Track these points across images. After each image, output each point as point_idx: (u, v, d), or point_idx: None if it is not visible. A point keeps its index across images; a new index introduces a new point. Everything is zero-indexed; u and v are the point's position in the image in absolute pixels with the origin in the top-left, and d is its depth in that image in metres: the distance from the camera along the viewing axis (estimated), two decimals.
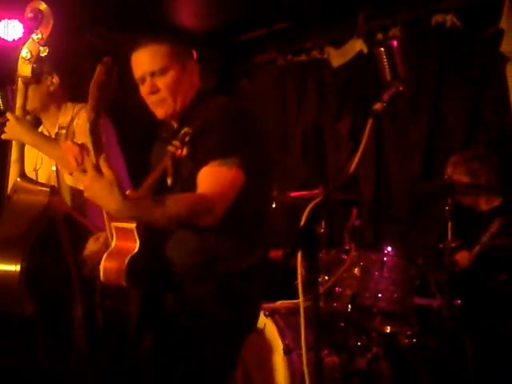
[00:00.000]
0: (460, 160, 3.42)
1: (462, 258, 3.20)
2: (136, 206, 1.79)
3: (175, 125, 2.03)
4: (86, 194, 1.81)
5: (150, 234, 1.89)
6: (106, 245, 1.97)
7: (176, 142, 1.83)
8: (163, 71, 1.97)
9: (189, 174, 1.88)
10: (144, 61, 1.99)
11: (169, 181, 1.88)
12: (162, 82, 1.97)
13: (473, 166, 3.36)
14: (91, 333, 2.58)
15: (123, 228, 1.89)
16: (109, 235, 1.96)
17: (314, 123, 4.71)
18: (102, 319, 2.64)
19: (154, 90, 1.98)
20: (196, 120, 1.90)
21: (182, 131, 1.84)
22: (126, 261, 1.84)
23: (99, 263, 1.90)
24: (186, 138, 1.82)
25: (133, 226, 1.85)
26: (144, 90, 2.01)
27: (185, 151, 1.84)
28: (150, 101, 2.01)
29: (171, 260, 1.94)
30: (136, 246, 1.86)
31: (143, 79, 1.99)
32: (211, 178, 1.83)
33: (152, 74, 1.97)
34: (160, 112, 2.01)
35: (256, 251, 1.99)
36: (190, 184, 1.86)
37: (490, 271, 3.22)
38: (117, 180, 1.75)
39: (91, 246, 2.12)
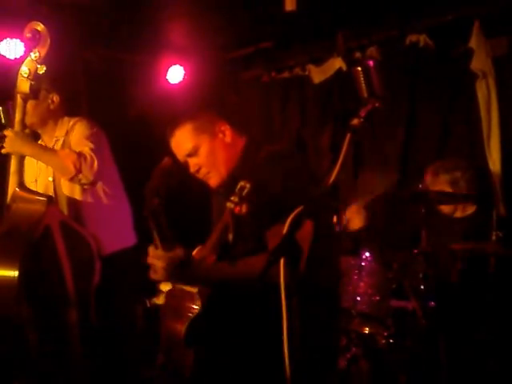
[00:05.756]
0: (441, 169, 3.48)
1: (352, 214, 3.27)
2: (207, 278, 1.89)
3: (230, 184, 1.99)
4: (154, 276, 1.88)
5: (212, 298, 1.99)
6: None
7: (234, 198, 1.80)
8: (195, 150, 2.03)
9: (251, 232, 1.88)
10: (177, 147, 2.07)
11: (230, 237, 1.85)
12: (199, 160, 2.04)
13: (455, 176, 3.43)
14: (85, 337, 2.67)
15: (187, 291, 2.04)
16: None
17: (297, 135, 4.83)
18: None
19: (197, 169, 2.06)
20: (250, 172, 1.89)
21: (239, 185, 1.81)
22: (186, 324, 1.97)
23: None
24: (244, 193, 1.78)
25: (194, 290, 1.99)
26: (191, 171, 2.08)
27: (244, 208, 1.80)
28: (199, 178, 2.08)
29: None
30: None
31: (185, 163, 2.07)
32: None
33: (189, 156, 2.05)
34: (211, 184, 2.07)
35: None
36: (252, 241, 1.87)
37: (462, 276, 3.29)
38: (187, 256, 1.85)
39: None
